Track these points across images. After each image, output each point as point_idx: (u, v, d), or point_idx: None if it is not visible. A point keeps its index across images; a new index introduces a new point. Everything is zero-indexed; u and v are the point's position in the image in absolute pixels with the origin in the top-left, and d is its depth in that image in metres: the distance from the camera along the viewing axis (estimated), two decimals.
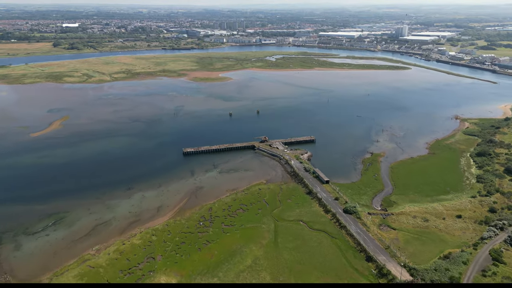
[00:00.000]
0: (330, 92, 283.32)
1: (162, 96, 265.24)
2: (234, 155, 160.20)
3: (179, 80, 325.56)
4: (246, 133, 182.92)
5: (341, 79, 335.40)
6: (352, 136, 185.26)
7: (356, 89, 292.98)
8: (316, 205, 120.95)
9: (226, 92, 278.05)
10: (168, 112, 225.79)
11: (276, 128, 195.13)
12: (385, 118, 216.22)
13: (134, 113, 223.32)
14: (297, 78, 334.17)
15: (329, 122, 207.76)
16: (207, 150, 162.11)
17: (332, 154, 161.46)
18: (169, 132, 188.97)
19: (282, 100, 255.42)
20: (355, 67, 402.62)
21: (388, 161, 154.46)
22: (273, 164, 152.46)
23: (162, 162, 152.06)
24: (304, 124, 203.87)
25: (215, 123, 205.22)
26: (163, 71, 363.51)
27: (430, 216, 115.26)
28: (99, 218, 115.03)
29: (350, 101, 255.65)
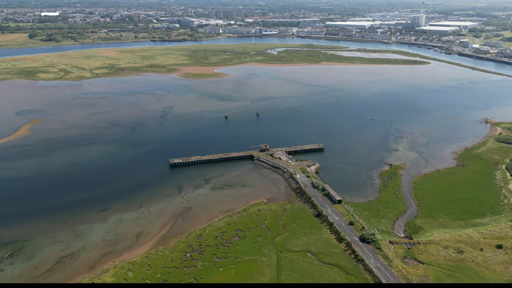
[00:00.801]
0: (339, 90, 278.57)
1: (148, 96, 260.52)
2: (229, 167, 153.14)
3: (169, 76, 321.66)
4: (244, 140, 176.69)
5: (351, 75, 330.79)
6: (366, 143, 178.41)
7: (369, 87, 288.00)
8: (327, 232, 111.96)
9: (221, 90, 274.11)
10: (154, 114, 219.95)
11: (279, 134, 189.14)
12: (403, 121, 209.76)
13: (115, 115, 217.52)
14: (302, 75, 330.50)
15: (339, 127, 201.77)
16: (197, 161, 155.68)
17: (344, 166, 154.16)
18: (154, 139, 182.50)
19: (285, 100, 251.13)
20: (367, 62, 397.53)
21: (410, 175, 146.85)
22: (275, 178, 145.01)
23: (145, 176, 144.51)
24: (311, 129, 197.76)
25: (208, 127, 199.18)
26: (150, 66, 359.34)
27: (464, 246, 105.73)
28: (66, 248, 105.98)
29: (363, 101, 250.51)
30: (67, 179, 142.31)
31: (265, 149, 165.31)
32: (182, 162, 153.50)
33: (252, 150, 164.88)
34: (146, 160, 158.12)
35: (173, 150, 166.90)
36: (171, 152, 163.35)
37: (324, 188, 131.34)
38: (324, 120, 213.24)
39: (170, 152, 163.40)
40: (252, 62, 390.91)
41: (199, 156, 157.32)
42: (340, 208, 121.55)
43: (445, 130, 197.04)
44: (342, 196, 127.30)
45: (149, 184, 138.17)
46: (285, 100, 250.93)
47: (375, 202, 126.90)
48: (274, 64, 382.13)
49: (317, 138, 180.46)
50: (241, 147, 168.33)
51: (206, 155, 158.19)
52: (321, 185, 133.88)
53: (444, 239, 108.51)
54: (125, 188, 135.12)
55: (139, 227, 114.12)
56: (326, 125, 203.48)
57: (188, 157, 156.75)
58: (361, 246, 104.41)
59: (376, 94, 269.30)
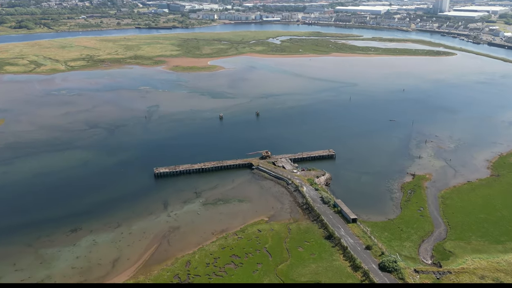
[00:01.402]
0: (352, 86, 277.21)
1: (131, 92, 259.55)
2: (224, 177, 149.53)
3: (155, 69, 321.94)
4: (241, 145, 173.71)
5: (366, 68, 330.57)
6: (385, 149, 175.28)
7: (387, 82, 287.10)
8: (340, 258, 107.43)
9: (215, 86, 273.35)
10: (138, 114, 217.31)
11: (282, 138, 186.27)
12: (427, 123, 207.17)
13: (92, 115, 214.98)
14: (308, 68, 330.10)
15: (352, 129, 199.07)
16: (187, 170, 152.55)
17: (359, 176, 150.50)
18: (136, 144, 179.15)
19: (290, 97, 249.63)
20: (383, 52, 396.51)
21: (437, 187, 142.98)
22: (278, 191, 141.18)
23: (124, 189, 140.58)
24: (320, 132, 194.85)
25: (199, 130, 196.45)
26: (134, 58, 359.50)
27: (504, 277, 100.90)
28: (28, 277, 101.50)
29: (380, 99, 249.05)
30: (33, 193, 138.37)
31: (266, 156, 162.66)
32: (168, 172, 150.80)
33: (251, 157, 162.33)
34: (126, 170, 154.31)
35: (159, 157, 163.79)
36: (156, 160, 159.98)
37: (336, 204, 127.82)
38: (335, 121, 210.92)
39: (155, 160, 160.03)
40: (252, 53, 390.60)
41: (189, 165, 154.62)
42: (355, 229, 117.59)
43: (476, 133, 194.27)
44: (357, 214, 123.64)
45: (129, 198, 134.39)
46: (289, 97, 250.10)
47: (397, 220, 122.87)
48: (276, 55, 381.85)
49: (327, 143, 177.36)
50: (238, 153, 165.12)
51: (197, 164, 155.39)
52: (332, 200, 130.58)
53: (480, 267, 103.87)
54: (101, 203, 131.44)
55: (116, 251, 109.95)
56: (337, 127, 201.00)
57: (176, 165, 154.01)
58: (380, 276, 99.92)
59: (395, 90, 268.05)
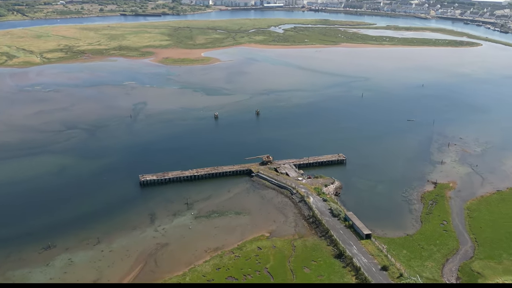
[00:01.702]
0: (364, 81, 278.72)
1: (114, 88, 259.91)
2: (219, 186, 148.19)
3: (142, 62, 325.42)
4: (239, 149, 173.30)
5: (380, 60, 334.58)
6: (402, 153, 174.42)
7: (403, 77, 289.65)
8: (352, 280, 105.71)
9: (210, 81, 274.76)
10: (122, 113, 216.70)
11: (285, 140, 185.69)
12: (450, 123, 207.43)
13: (70, 115, 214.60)
14: (315, 60, 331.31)
15: (365, 130, 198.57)
16: (177, 177, 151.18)
17: (373, 185, 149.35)
18: (120, 147, 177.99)
19: (294, 94, 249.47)
20: (399, 43, 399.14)
21: (462, 198, 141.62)
22: (281, 202, 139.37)
23: (105, 200, 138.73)
24: (328, 133, 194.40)
25: (192, 131, 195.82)
26: (119, 49, 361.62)
27: None
28: None
29: (396, 96, 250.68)
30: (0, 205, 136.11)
31: (267, 161, 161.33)
32: (156, 180, 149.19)
33: (250, 162, 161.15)
34: (108, 177, 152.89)
35: (145, 162, 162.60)
36: (142, 166, 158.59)
37: (347, 217, 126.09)
38: (346, 121, 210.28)
39: (141, 166, 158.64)
40: (251, 43, 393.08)
41: (179, 172, 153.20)
42: (369, 246, 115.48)
43: (506, 135, 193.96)
44: (371, 228, 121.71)
45: (110, 210, 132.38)
46: (293, 94, 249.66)
47: (416, 236, 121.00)
48: (279, 46, 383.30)
49: (336, 147, 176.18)
50: (235, 158, 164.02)
51: (188, 170, 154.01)
52: (343, 212, 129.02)
53: None
54: (78, 216, 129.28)
55: (96, 272, 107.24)
56: (348, 128, 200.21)
57: (165, 172, 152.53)
58: None
59: (413, 85, 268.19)
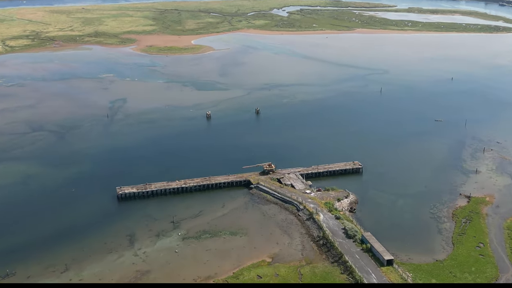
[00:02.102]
0: (383, 73, 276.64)
1: (89, 82, 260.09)
2: (212, 200, 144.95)
3: (122, 51, 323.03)
4: (235, 156, 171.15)
5: (401, 49, 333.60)
6: (429, 161, 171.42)
7: (429, 69, 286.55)
8: None
9: (202, 73, 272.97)
10: (98, 112, 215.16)
11: (290, 145, 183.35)
12: (485, 124, 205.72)
13: (36, 113, 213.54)
14: (326, 48, 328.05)
15: (385, 133, 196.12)
16: (161, 190, 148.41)
17: (394, 199, 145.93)
18: (95, 153, 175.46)
19: (301, 89, 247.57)
20: (423, 28, 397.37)
21: (501, 215, 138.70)
22: (285, 220, 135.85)
23: (76, 216, 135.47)
24: (341, 137, 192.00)
25: (179, 134, 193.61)
26: (95, 35, 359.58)
27: None
28: None
29: (420, 92, 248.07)
30: None
31: (268, 170, 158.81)
32: (136, 193, 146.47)
33: (249, 172, 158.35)
34: (79, 189, 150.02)
35: (124, 172, 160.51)
36: (120, 176, 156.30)
37: (364, 239, 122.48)
38: (362, 121, 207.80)
39: (119, 176, 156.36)
40: (250, 28, 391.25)
41: (164, 183, 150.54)
42: (391, 274, 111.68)
43: None
44: (394, 252, 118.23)
45: (82, 230, 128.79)
46: (299, 89, 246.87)
47: (447, 262, 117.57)
48: (283, 31, 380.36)
49: (351, 152, 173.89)
50: (231, 166, 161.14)
51: (175, 181, 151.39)
52: (359, 233, 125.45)
53: None
54: (43, 237, 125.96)
55: None
56: (364, 131, 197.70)
57: (147, 184, 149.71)
58: None
59: (440, 79, 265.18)
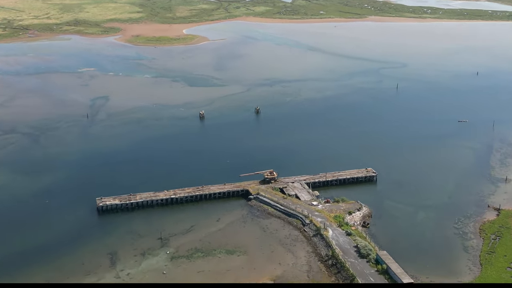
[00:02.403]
0: (400, 67, 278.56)
1: (67, 77, 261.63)
2: (205, 213, 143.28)
3: (105, 41, 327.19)
4: (233, 162, 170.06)
5: (420, 39, 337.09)
6: (452, 167, 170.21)
7: (452, 62, 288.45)
8: None
9: (195, 67, 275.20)
10: (76, 111, 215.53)
11: (295, 149, 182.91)
12: None
13: (6, 113, 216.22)
14: (334, 39, 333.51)
15: (402, 136, 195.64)
16: (148, 202, 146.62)
17: (413, 212, 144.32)
18: (72, 159, 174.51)
19: (306, 85, 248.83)
20: (445, 16, 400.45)
21: None
22: (289, 236, 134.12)
23: (50, 232, 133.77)
24: (353, 140, 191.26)
25: (169, 137, 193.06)
26: (74, 24, 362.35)
27: None
28: None
29: (442, 88, 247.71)
30: None
31: (270, 178, 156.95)
32: (119, 205, 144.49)
33: (247, 180, 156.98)
34: (54, 200, 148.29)
35: (105, 180, 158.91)
36: (100, 185, 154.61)
37: (379, 259, 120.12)
38: (376, 122, 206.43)
39: (99, 185, 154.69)
40: (249, 16, 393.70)
41: (150, 193, 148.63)
42: None
43: None
44: (413, 274, 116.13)
45: (55, 247, 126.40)
46: (305, 85, 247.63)
47: None
48: (286, 19, 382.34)
49: (363, 158, 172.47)
50: (227, 174, 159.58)
51: (163, 191, 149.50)
52: (373, 251, 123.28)
53: None
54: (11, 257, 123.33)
55: None
56: (378, 133, 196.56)
57: (131, 194, 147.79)
58: None
59: (464, 74, 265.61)
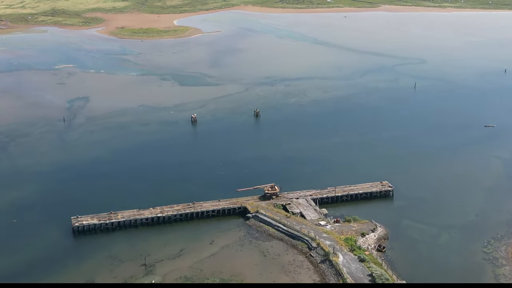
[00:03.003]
0: (417, 64, 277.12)
1: (42, 74, 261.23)
2: (196, 234, 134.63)
3: (86, 34, 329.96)
4: (229, 174, 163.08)
5: (439, 31, 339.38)
6: (479, 180, 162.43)
7: (477, 58, 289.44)
8: None
9: (187, 63, 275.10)
10: (51, 114, 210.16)
11: (299, 160, 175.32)
12: None
13: None
14: (343, 31, 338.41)
15: (421, 143, 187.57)
16: (130, 221, 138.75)
17: (435, 233, 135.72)
18: (45, 171, 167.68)
19: (312, 84, 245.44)
20: (468, 4, 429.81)
21: None
22: (293, 262, 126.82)
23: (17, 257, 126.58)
24: (365, 147, 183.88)
25: (156, 145, 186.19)
26: (52, 14, 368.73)
27: None
28: None
29: (465, 88, 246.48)
30: None
31: (271, 193, 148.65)
32: (98, 225, 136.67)
33: (245, 196, 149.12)
34: (23, 219, 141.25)
35: (82, 196, 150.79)
36: (77, 202, 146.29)
37: None
38: (391, 127, 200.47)
39: (76, 202, 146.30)
40: (248, 4, 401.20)
41: (134, 211, 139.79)
42: None
43: None
44: None
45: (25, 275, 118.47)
46: (310, 84, 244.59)
47: None
48: (289, 8, 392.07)
49: (378, 169, 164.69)
50: (222, 188, 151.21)
51: (148, 209, 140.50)
52: (391, 280, 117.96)
53: None
54: None
55: None
56: (394, 139, 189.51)
57: (112, 212, 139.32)
58: None
59: (491, 71, 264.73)
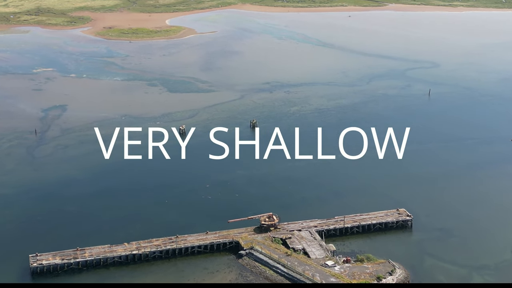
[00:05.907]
0: (431, 68, 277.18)
1: (17, 79, 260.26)
2: (180, 275, 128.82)
3: (70, 34, 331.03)
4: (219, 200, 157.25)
5: (452, 32, 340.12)
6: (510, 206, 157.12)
7: (494, 62, 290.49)
8: None
9: (177, 67, 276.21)
10: (22, 125, 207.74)
11: (302, 181, 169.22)
12: None
13: None
14: (349, 32, 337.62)
15: (440, 164, 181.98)
16: (101, 260, 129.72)
17: (466, 274, 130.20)
18: (4, 194, 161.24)
19: (314, 90, 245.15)
20: (482, 3, 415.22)
21: None
22: None
23: None
24: (377, 168, 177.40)
25: (136, 163, 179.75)
26: (35, 13, 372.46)
27: None
28: None
29: (486, 95, 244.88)
30: None
31: (269, 225, 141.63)
32: (61, 265, 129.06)
33: (238, 227, 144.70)
34: None
35: (44, 228, 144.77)
36: (37, 236, 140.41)
37: None
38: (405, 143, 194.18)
39: (36, 236, 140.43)
40: (246, 3, 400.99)
41: (105, 247, 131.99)
42: None
43: None
44: None
45: None
46: (313, 91, 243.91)
47: None
48: (290, 7, 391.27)
49: (393, 194, 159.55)
50: (210, 219, 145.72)
51: (121, 245, 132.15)
52: None
53: None
54: None
55: None
56: (410, 159, 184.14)
57: (79, 249, 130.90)
58: None
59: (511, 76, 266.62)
